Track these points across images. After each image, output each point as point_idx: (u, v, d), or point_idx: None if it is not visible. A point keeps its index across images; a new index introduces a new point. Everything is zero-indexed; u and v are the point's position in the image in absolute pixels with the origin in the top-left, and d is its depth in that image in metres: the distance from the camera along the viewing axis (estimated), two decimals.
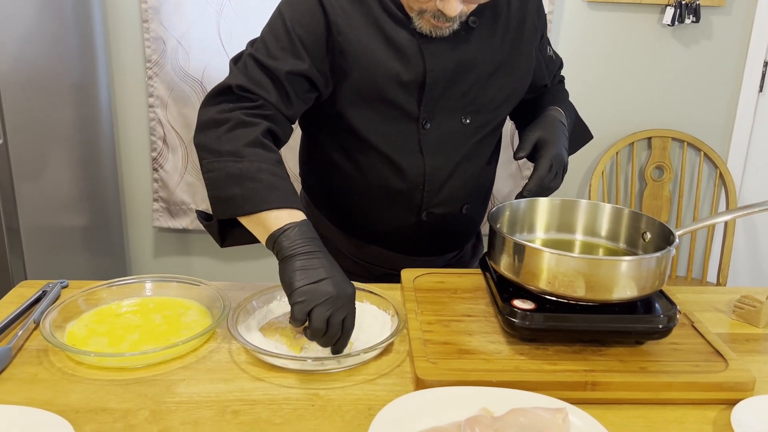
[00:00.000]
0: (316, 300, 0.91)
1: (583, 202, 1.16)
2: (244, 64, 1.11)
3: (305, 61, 1.10)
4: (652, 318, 0.96)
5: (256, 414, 0.85)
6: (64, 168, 2.04)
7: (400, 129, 1.18)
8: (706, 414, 0.87)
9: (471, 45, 1.16)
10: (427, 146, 1.20)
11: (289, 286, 0.93)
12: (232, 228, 1.11)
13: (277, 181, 1.02)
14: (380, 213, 1.27)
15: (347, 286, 0.95)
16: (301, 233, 0.97)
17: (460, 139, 1.22)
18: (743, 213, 1.06)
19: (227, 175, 1.02)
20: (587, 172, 2.63)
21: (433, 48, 1.13)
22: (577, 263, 0.93)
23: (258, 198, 1.00)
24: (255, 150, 1.04)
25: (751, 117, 2.56)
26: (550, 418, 0.79)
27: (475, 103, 1.21)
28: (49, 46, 1.93)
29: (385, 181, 1.23)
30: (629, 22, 2.45)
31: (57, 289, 1.15)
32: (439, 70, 1.14)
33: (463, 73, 1.17)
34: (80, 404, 0.86)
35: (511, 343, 0.98)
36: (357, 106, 1.16)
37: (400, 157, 1.20)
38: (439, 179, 1.23)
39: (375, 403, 0.87)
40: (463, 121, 1.21)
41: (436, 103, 1.17)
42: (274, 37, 1.11)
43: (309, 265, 0.94)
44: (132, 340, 1.00)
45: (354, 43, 1.12)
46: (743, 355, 1.02)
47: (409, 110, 1.17)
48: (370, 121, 1.17)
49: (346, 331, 0.94)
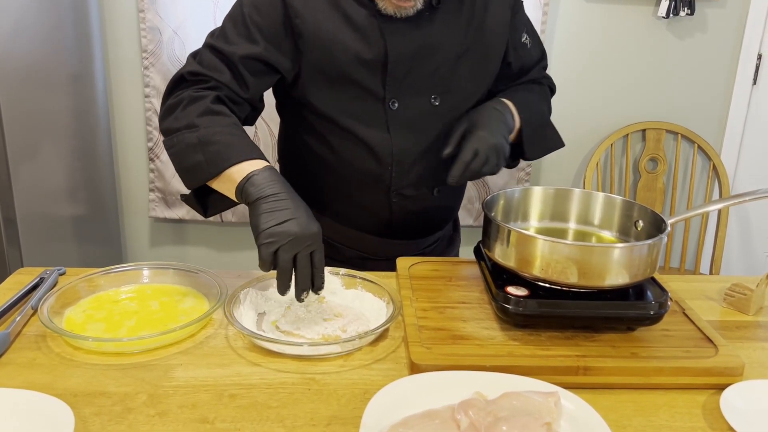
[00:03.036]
0: (281, 241, 0.94)
1: (576, 191, 1.17)
2: (199, 54, 1.17)
3: (260, 45, 1.14)
4: (643, 304, 0.97)
5: (252, 397, 0.86)
6: (60, 158, 2.04)
7: (367, 108, 1.20)
8: (695, 398, 0.89)
9: (435, 25, 1.17)
10: (394, 126, 1.21)
11: (255, 228, 0.96)
12: (209, 196, 1.14)
13: (233, 138, 1.06)
14: (351, 193, 1.28)
15: (312, 225, 0.97)
16: (263, 178, 1.00)
17: (430, 120, 1.23)
18: (736, 201, 1.08)
19: (186, 145, 1.07)
20: (582, 164, 2.64)
21: (394, 28, 1.15)
22: (570, 250, 0.94)
23: (219, 158, 1.04)
24: (208, 117, 1.08)
25: (744, 110, 2.57)
26: (542, 401, 0.80)
27: (445, 84, 1.21)
28: (45, 36, 1.93)
29: (355, 161, 1.24)
30: (624, 14, 2.46)
31: (54, 275, 1.16)
32: (400, 50, 1.16)
33: (429, 53, 1.18)
34: (79, 388, 0.87)
35: (504, 329, 1.00)
36: (322, 87, 1.19)
37: (368, 137, 1.21)
38: (407, 160, 1.24)
39: (370, 387, 0.88)
40: (432, 102, 1.21)
41: (402, 83, 1.18)
42: (232, 24, 1.16)
43: (274, 207, 0.96)
44: (129, 326, 1.01)
45: (312, 24, 1.14)
46: (733, 341, 1.03)
47: (373, 90, 1.18)
48: (337, 102, 1.20)
49: (316, 267, 0.97)
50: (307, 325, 1.00)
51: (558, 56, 2.51)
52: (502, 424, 0.76)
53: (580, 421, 0.79)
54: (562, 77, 2.54)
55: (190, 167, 1.07)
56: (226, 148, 1.04)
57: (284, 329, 1.00)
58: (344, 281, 1.13)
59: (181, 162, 1.08)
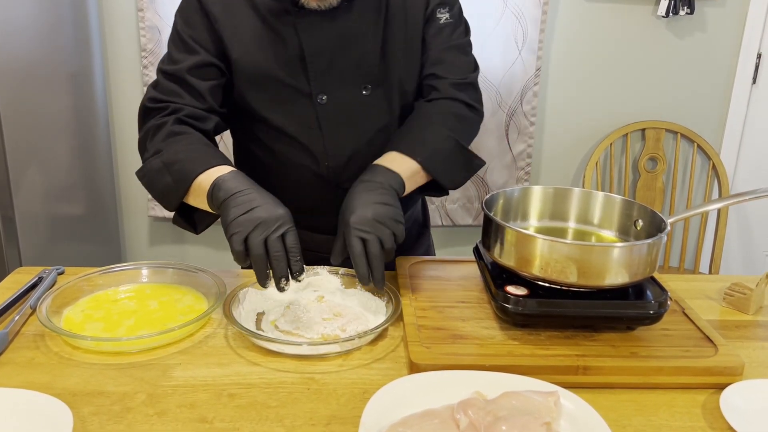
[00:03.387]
0: (248, 227, 0.94)
1: (576, 191, 1.17)
2: (155, 81, 1.20)
3: (200, 53, 1.16)
4: (643, 304, 0.97)
5: (252, 397, 0.86)
6: (59, 157, 2.04)
7: (296, 107, 1.20)
8: (695, 398, 0.89)
9: (353, 15, 1.17)
10: (325, 121, 1.20)
11: (224, 225, 0.97)
12: (195, 213, 1.15)
13: (194, 153, 1.08)
14: (298, 194, 1.26)
15: (278, 209, 0.97)
16: (229, 180, 1.01)
17: (363, 111, 1.22)
18: (735, 201, 1.08)
19: (154, 171, 1.09)
20: (581, 163, 2.64)
21: (307, 23, 1.15)
22: (569, 250, 0.94)
23: (184, 174, 1.06)
24: (170, 140, 1.10)
25: (744, 109, 2.58)
26: (541, 401, 0.80)
27: (373, 72, 1.20)
28: (45, 35, 1.93)
29: (294, 161, 1.24)
30: (624, 13, 2.46)
31: (53, 275, 1.15)
32: (317, 44, 1.16)
33: (350, 43, 1.18)
34: (78, 387, 0.87)
35: (504, 328, 0.99)
36: (252, 89, 1.19)
37: (300, 135, 1.21)
38: (343, 154, 1.23)
39: (369, 386, 0.88)
40: (363, 92, 1.20)
41: (327, 76, 1.18)
42: (173, 44, 1.20)
43: (240, 201, 0.97)
44: (128, 325, 1.01)
45: (230, 27, 1.16)
46: (733, 341, 1.03)
47: (299, 87, 1.18)
48: (268, 103, 1.20)
49: (290, 249, 0.96)
50: (307, 324, 1.00)
51: (557, 56, 2.51)
52: (501, 423, 0.75)
53: (580, 421, 0.79)
54: (561, 76, 2.54)
55: (162, 190, 1.09)
56: (189, 162, 1.06)
57: (283, 329, 1.00)
58: (344, 281, 1.13)
59: (153, 188, 1.11)
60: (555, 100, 2.57)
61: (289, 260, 0.96)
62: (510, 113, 2.50)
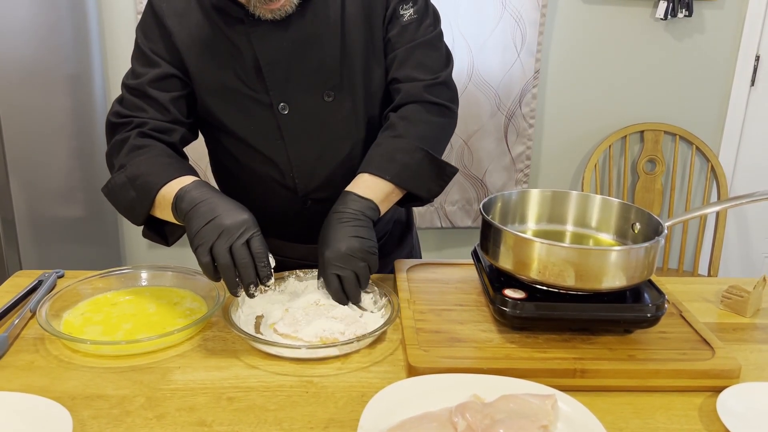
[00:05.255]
0: (212, 237, 0.94)
1: (573, 194, 1.17)
2: (120, 96, 1.19)
3: (160, 65, 1.16)
4: (640, 307, 0.97)
5: (250, 400, 0.86)
6: (58, 159, 2.05)
7: (257, 118, 1.19)
8: (692, 401, 0.89)
9: (307, 21, 1.14)
10: (287, 131, 1.19)
11: (189, 237, 0.97)
12: (165, 225, 1.14)
13: (157, 166, 1.08)
14: (267, 205, 1.26)
15: (241, 214, 0.96)
16: (192, 188, 1.01)
17: (326, 118, 1.19)
18: (734, 203, 1.08)
19: (119, 186, 1.09)
20: (580, 165, 2.64)
21: (260, 32, 1.13)
22: (567, 253, 0.94)
23: (147, 187, 1.06)
24: (133, 154, 1.10)
25: (742, 111, 2.58)
26: (539, 404, 0.80)
27: (335, 78, 1.17)
28: (44, 36, 1.93)
29: (261, 173, 1.24)
30: (622, 15, 2.46)
31: (53, 278, 1.16)
32: (271, 53, 1.14)
33: (306, 49, 1.15)
34: (77, 391, 0.87)
35: (502, 331, 1.00)
36: (214, 101, 1.19)
37: (264, 147, 1.21)
38: (308, 163, 1.22)
39: (368, 390, 0.88)
40: (325, 99, 1.18)
41: (285, 85, 1.16)
42: (135, 59, 1.19)
43: (202, 211, 0.97)
44: (127, 328, 1.01)
45: (186, 40, 1.15)
46: (730, 343, 1.03)
47: (258, 98, 1.17)
48: (231, 114, 1.19)
49: (256, 255, 0.95)
50: (305, 327, 1.00)
51: (556, 58, 2.51)
52: (499, 426, 0.76)
53: (577, 424, 0.79)
54: (560, 79, 2.55)
55: (128, 205, 1.09)
56: (152, 175, 1.06)
57: (282, 332, 1.00)
58: None
59: (118, 203, 1.11)
60: (554, 102, 2.57)
61: (256, 266, 0.95)
62: (509, 115, 2.51)
